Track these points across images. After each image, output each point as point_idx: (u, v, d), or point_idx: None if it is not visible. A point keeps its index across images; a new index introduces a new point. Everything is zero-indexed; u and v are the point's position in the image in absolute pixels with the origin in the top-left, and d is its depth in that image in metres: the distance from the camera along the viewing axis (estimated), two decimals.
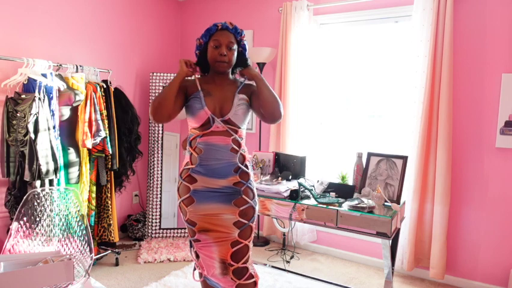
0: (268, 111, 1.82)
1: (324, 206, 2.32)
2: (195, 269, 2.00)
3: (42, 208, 2.33)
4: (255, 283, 1.84)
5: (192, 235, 1.89)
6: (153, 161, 3.71)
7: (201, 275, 1.96)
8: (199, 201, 1.82)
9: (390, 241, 2.29)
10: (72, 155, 2.82)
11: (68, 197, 2.41)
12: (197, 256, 1.91)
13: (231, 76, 1.92)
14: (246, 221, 1.83)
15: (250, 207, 1.85)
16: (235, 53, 1.85)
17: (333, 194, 2.44)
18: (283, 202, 2.45)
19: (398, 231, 2.47)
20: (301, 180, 2.54)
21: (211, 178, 1.81)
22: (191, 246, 1.94)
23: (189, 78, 1.88)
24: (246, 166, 1.88)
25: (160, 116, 1.78)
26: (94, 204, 3.03)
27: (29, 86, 2.58)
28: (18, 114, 2.49)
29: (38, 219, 2.30)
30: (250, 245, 1.87)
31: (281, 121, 3.45)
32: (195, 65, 1.87)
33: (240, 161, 1.84)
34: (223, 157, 1.80)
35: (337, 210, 2.26)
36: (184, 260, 3.26)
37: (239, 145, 1.84)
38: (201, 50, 1.87)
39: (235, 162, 1.83)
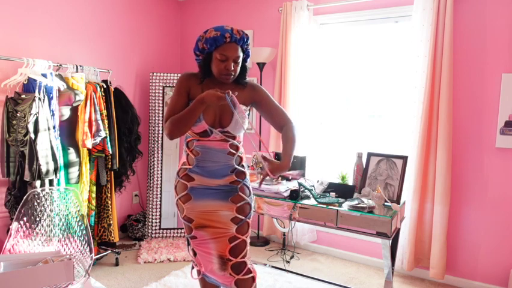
0: None
1: (324, 206, 2.31)
2: (193, 268, 2.03)
3: (42, 208, 2.33)
4: (253, 278, 1.86)
5: (188, 232, 1.91)
6: (153, 161, 3.71)
7: (199, 272, 1.98)
8: (196, 198, 1.84)
9: (390, 241, 2.29)
10: (72, 155, 2.82)
11: (68, 197, 2.41)
12: (194, 253, 1.93)
13: (232, 85, 1.85)
14: (243, 217, 1.85)
15: (246, 203, 1.88)
16: (240, 64, 1.80)
17: (333, 194, 2.44)
18: (276, 201, 2.45)
19: (398, 231, 2.47)
20: (301, 180, 2.54)
21: (208, 178, 1.83)
22: (188, 243, 1.95)
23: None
24: (243, 166, 1.91)
25: (177, 136, 1.78)
26: (94, 204, 3.03)
27: (29, 86, 2.58)
28: (18, 114, 2.49)
29: (38, 219, 2.30)
30: (248, 240, 1.89)
31: None
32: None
33: (236, 162, 1.87)
34: (220, 160, 1.82)
35: (337, 210, 2.26)
36: (184, 260, 3.26)
37: (236, 148, 1.87)
38: (203, 54, 1.79)
39: (232, 164, 1.85)
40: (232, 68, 1.74)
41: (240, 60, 1.78)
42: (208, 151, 1.81)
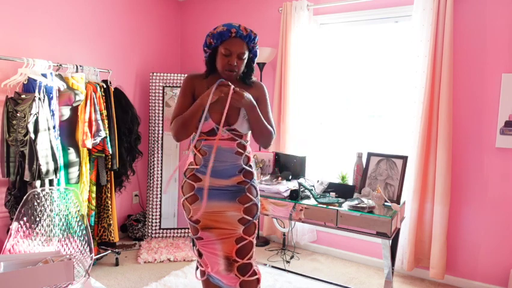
0: (259, 143, 1.89)
1: (324, 206, 2.31)
2: (197, 268, 2.01)
3: (42, 208, 2.33)
4: (258, 280, 1.86)
5: (194, 233, 1.89)
6: (153, 161, 3.71)
7: (203, 273, 1.96)
8: (203, 199, 1.81)
9: (390, 241, 2.29)
10: (72, 155, 2.82)
11: (68, 197, 2.41)
12: (200, 254, 1.92)
13: (238, 82, 1.87)
14: (250, 218, 1.84)
15: (253, 204, 1.86)
16: (245, 61, 1.81)
17: (333, 194, 2.44)
18: (281, 202, 2.45)
19: (398, 231, 2.47)
20: (301, 180, 2.54)
21: (215, 178, 1.81)
22: (193, 244, 1.95)
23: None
24: (250, 166, 1.89)
25: (183, 138, 1.80)
26: (94, 204, 3.03)
27: (29, 86, 2.58)
28: (18, 114, 2.49)
29: (38, 219, 2.30)
30: (254, 241, 1.89)
31: (281, 121, 3.48)
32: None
33: (244, 162, 1.85)
34: (227, 159, 1.81)
35: (337, 210, 2.26)
36: (184, 260, 3.26)
37: (244, 148, 1.85)
38: (210, 49, 1.81)
39: (240, 164, 1.84)
40: (236, 64, 1.74)
41: (245, 57, 1.78)
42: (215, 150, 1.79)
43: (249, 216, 1.84)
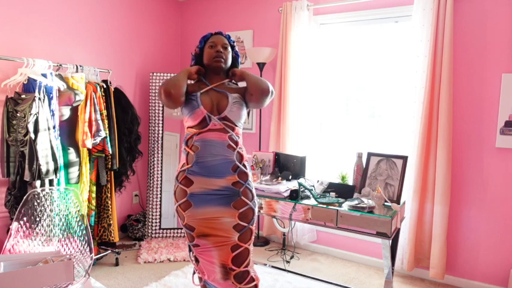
0: (257, 88, 1.82)
1: (324, 206, 2.31)
2: (194, 273, 1.98)
3: (42, 208, 2.33)
4: (256, 286, 1.84)
5: (190, 240, 1.86)
6: (153, 161, 3.71)
7: (200, 279, 1.94)
8: (196, 205, 1.79)
9: (390, 241, 2.29)
10: (72, 155, 2.83)
11: (68, 197, 2.41)
12: (196, 260, 1.89)
13: (225, 78, 1.97)
14: (245, 224, 1.80)
15: (249, 209, 1.82)
16: (230, 54, 1.95)
17: (333, 194, 2.44)
18: (288, 202, 2.45)
19: (398, 231, 2.47)
20: (301, 180, 2.54)
21: (208, 178, 1.78)
22: (190, 250, 1.91)
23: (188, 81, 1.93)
24: (245, 166, 1.85)
25: (175, 94, 1.75)
26: (94, 204, 3.03)
27: (29, 86, 2.58)
28: (18, 114, 2.49)
29: (38, 219, 2.30)
30: (251, 248, 1.85)
31: (281, 121, 3.48)
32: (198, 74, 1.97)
33: (237, 159, 1.82)
34: (219, 153, 1.78)
35: (337, 210, 2.26)
36: (184, 260, 3.26)
37: (236, 143, 1.83)
38: (197, 59, 1.99)
39: (233, 159, 1.80)
40: (222, 51, 1.89)
41: (229, 49, 1.94)
42: (207, 144, 1.78)
43: (244, 222, 1.79)
